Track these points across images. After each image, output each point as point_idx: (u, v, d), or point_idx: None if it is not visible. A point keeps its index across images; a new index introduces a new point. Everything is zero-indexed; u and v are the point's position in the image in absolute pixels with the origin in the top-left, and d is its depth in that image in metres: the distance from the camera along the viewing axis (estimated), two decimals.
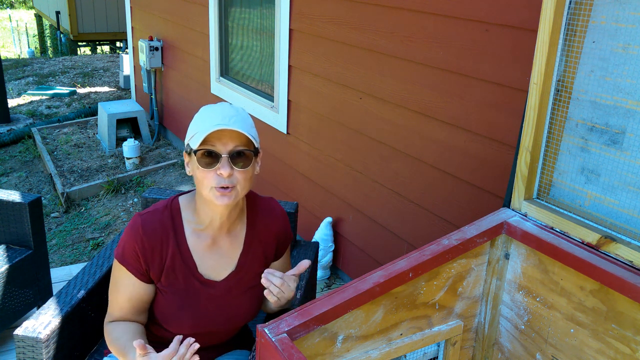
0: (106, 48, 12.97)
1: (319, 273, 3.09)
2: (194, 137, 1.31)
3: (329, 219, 3.07)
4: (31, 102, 7.20)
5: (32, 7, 18.36)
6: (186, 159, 1.39)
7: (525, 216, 1.43)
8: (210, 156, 1.30)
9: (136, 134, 5.66)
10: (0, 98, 6.14)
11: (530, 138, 1.38)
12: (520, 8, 1.89)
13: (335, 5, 2.79)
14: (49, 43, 14.77)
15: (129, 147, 4.96)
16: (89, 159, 5.29)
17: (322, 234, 3.06)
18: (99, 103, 5.76)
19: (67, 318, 1.57)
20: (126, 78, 7.58)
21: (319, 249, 3.04)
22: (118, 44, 12.48)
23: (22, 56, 13.54)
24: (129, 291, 1.39)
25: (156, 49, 5.28)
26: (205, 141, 1.28)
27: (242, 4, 3.83)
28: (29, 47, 14.74)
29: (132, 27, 6.06)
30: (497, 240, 1.44)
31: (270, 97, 3.56)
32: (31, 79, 8.42)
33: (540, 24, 1.30)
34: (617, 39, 1.22)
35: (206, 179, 1.31)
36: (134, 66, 6.16)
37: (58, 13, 11.72)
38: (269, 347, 1.11)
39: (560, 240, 1.32)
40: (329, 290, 3.08)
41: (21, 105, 7.09)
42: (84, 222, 4.28)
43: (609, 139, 1.27)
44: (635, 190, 1.24)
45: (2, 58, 11.20)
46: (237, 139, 1.31)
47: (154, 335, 1.52)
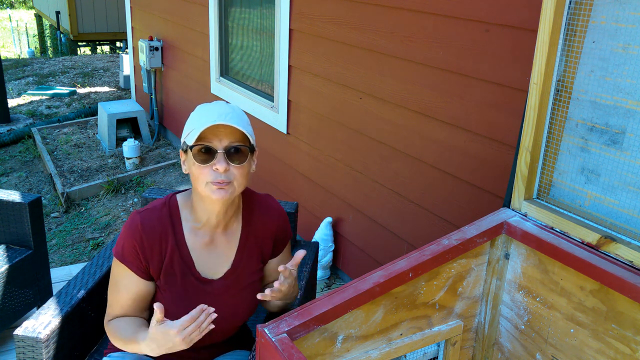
0: (106, 48, 12.97)
1: (319, 273, 3.10)
2: (190, 134, 1.33)
3: (329, 219, 3.07)
4: (31, 102, 7.20)
5: (32, 7, 18.36)
6: (182, 157, 1.40)
7: (525, 216, 1.43)
8: (206, 152, 1.31)
9: (136, 134, 5.66)
10: (0, 98, 6.14)
11: (530, 138, 1.38)
12: (520, 8, 1.89)
13: (335, 5, 2.79)
14: (49, 43, 14.77)
15: (129, 147, 4.96)
16: (89, 159, 5.29)
17: (322, 234, 3.06)
18: (99, 103, 5.76)
19: (67, 318, 1.57)
20: (126, 78, 7.58)
21: (319, 249, 3.04)
22: (118, 44, 12.48)
23: (22, 56, 13.54)
24: (130, 289, 1.39)
25: (156, 49, 5.28)
26: (201, 137, 1.30)
27: (242, 4, 3.83)
28: (29, 47, 14.73)
29: (132, 27, 6.06)
30: (497, 240, 1.44)
31: (270, 97, 3.56)
32: (31, 79, 8.42)
33: (540, 24, 1.30)
34: (617, 39, 1.22)
35: (202, 175, 1.32)
36: (134, 66, 6.16)
37: (58, 13, 11.73)
38: (269, 347, 1.11)
39: (560, 240, 1.32)
40: (329, 290, 3.08)
41: (21, 105, 7.09)
42: (84, 222, 4.28)
43: (609, 139, 1.27)
44: (635, 190, 1.24)
45: (2, 58, 11.19)
46: (233, 135, 1.32)
47: None
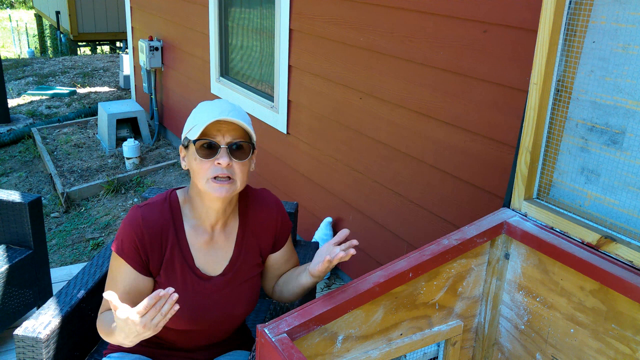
0: (106, 48, 12.97)
1: None
2: (193, 129, 1.33)
3: (329, 219, 3.07)
4: (31, 102, 7.20)
5: (32, 7, 18.36)
6: (182, 152, 1.40)
7: (525, 216, 1.43)
8: (209, 147, 1.32)
9: (136, 134, 5.66)
10: (0, 98, 6.14)
11: (530, 138, 1.38)
12: (520, 8, 1.89)
13: (335, 5, 2.79)
14: (49, 43, 14.78)
15: (129, 147, 4.96)
16: (89, 159, 5.29)
17: (322, 234, 3.06)
18: (99, 103, 5.76)
19: (67, 318, 1.57)
20: (126, 78, 7.58)
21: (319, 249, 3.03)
22: (118, 44, 12.49)
23: (22, 56, 13.54)
24: (126, 284, 1.37)
25: (156, 49, 5.28)
26: (204, 133, 1.31)
27: (242, 4, 3.83)
28: (29, 47, 14.73)
29: (132, 27, 6.06)
30: (497, 240, 1.44)
31: (270, 97, 3.56)
32: (31, 79, 8.42)
33: (540, 24, 1.30)
34: (617, 39, 1.22)
35: (203, 170, 1.32)
36: (134, 66, 6.16)
37: (58, 13, 11.73)
38: (269, 347, 1.11)
39: (560, 240, 1.32)
40: (329, 290, 3.08)
41: (21, 105, 7.09)
42: (84, 222, 4.28)
43: (609, 139, 1.27)
44: (635, 190, 1.24)
45: (2, 58, 11.19)
46: (235, 131, 1.34)
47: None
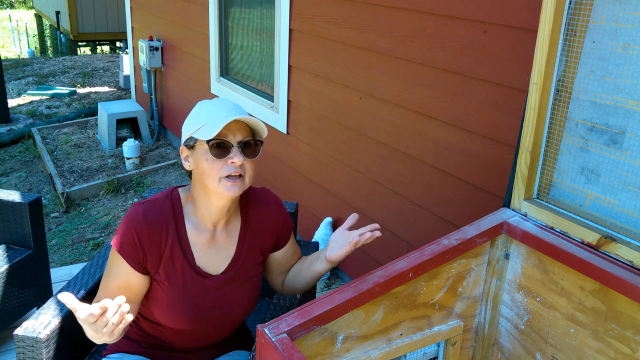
0: (106, 48, 12.97)
1: None
2: (203, 129, 1.32)
3: (329, 219, 3.07)
4: (31, 102, 7.19)
5: (32, 7, 18.36)
6: (185, 153, 1.39)
7: (525, 216, 1.43)
8: (221, 147, 1.32)
9: (136, 134, 5.66)
10: (0, 98, 6.14)
11: (530, 138, 1.38)
12: (520, 8, 1.89)
13: (335, 5, 2.79)
14: (49, 43, 14.78)
15: (129, 147, 4.96)
16: (89, 159, 5.29)
17: (322, 234, 3.06)
18: (99, 103, 5.76)
19: (67, 318, 1.57)
20: (126, 78, 7.58)
21: (319, 249, 3.03)
22: (118, 44, 12.48)
23: (22, 56, 13.54)
24: (120, 279, 1.37)
25: (156, 49, 5.28)
26: (218, 132, 1.30)
27: (242, 4, 3.83)
28: (29, 47, 14.73)
29: (132, 27, 6.06)
30: (497, 240, 1.44)
31: (270, 97, 3.56)
32: (31, 79, 8.42)
33: (540, 24, 1.30)
34: (617, 39, 1.22)
35: (215, 170, 1.32)
36: (134, 66, 6.16)
37: (58, 13, 11.73)
38: (268, 347, 1.11)
39: (560, 240, 1.32)
40: (329, 290, 3.08)
41: (21, 105, 7.09)
42: (84, 222, 4.28)
43: (609, 139, 1.27)
44: (635, 190, 1.24)
45: (2, 58, 11.19)
46: (244, 129, 1.35)
47: (149, 335, 1.51)
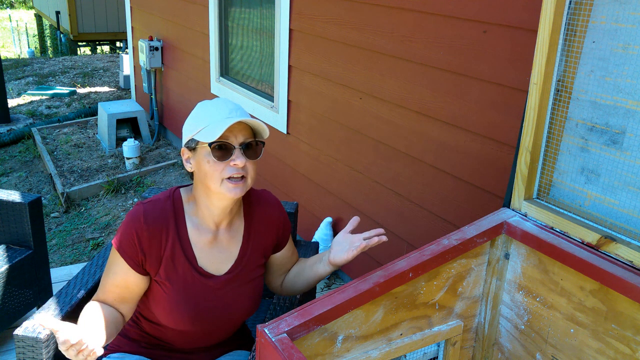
0: (106, 48, 12.97)
1: None
2: (204, 131, 1.32)
3: (329, 219, 3.07)
4: (31, 102, 7.19)
5: (32, 7, 18.36)
6: (187, 155, 1.39)
7: (525, 216, 1.43)
8: (223, 149, 1.32)
9: (136, 134, 5.66)
10: (0, 98, 6.14)
11: (530, 138, 1.38)
12: (520, 8, 1.89)
13: (335, 5, 2.79)
14: (49, 43, 14.77)
15: (129, 147, 4.96)
16: (89, 159, 5.29)
17: (322, 234, 3.06)
18: (99, 103, 5.76)
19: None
20: (126, 78, 7.58)
21: (319, 249, 3.03)
22: (118, 44, 12.48)
23: (22, 56, 13.53)
24: (118, 276, 1.38)
25: (156, 49, 5.28)
26: (221, 134, 1.30)
27: (242, 4, 3.83)
28: (29, 47, 14.73)
29: (132, 27, 6.06)
30: (497, 240, 1.44)
31: (270, 97, 3.56)
32: (31, 79, 8.42)
33: (540, 24, 1.30)
34: (617, 39, 1.22)
35: (217, 171, 1.32)
36: (134, 66, 6.15)
37: (58, 13, 11.72)
38: (269, 347, 1.11)
39: (560, 240, 1.32)
40: (329, 290, 3.08)
41: (21, 105, 7.09)
42: (84, 222, 4.28)
43: (609, 139, 1.27)
44: (635, 190, 1.24)
45: (2, 58, 11.19)
46: (245, 130, 1.34)
47: (150, 336, 1.51)
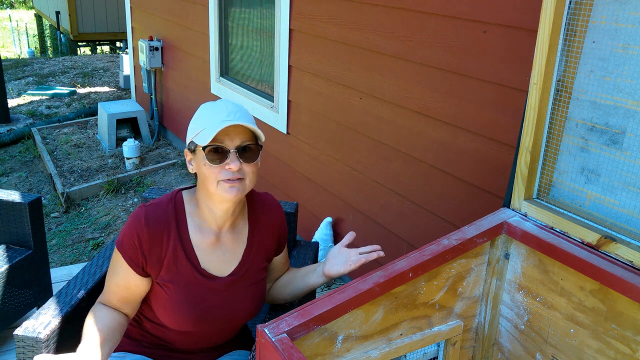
0: (106, 48, 12.96)
1: None
2: (201, 134, 1.32)
3: (329, 219, 3.07)
4: (31, 102, 7.19)
5: (32, 7, 18.36)
6: (188, 156, 1.40)
7: (525, 216, 1.43)
8: (218, 152, 1.32)
9: (136, 134, 5.66)
10: (0, 98, 6.14)
11: (530, 138, 1.38)
12: (520, 8, 1.89)
13: (335, 5, 2.79)
14: (49, 43, 14.77)
15: (129, 147, 4.96)
16: (89, 159, 5.29)
17: (322, 234, 3.06)
18: (99, 103, 5.76)
19: (67, 318, 1.57)
20: (126, 78, 7.58)
21: (319, 249, 3.03)
22: (118, 44, 12.48)
23: (22, 56, 13.53)
24: (120, 277, 1.40)
25: (156, 49, 5.28)
26: (212, 138, 1.30)
27: (242, 4, 3.83)
28: (29, 47, 14.73)
29: (132, 27, 6.06)
30: (497, 240, 1.44)
31: (270, 97, 3.56)
32: (31, 79, 8.42)
33: (540, 24, 1.30)
34: (617, 39, 1.22)
35: (213, 174, 1.33)
36: (134, 66, 6.15)
37: (58, 13, 11.72)
38: (269, 347, 1.11)
39: (560, 240, 1.31)
40: (329, 290, 3.08)
41: (21, 105, 7.09)
42: (84, 222, 4.28)
43: (609, 139, 1.27)
44: (635, 190, 1.24)
45: (2, 58, 11.19)
46: (243, 133, 1.34)
47: (151, 335, 1.51)
